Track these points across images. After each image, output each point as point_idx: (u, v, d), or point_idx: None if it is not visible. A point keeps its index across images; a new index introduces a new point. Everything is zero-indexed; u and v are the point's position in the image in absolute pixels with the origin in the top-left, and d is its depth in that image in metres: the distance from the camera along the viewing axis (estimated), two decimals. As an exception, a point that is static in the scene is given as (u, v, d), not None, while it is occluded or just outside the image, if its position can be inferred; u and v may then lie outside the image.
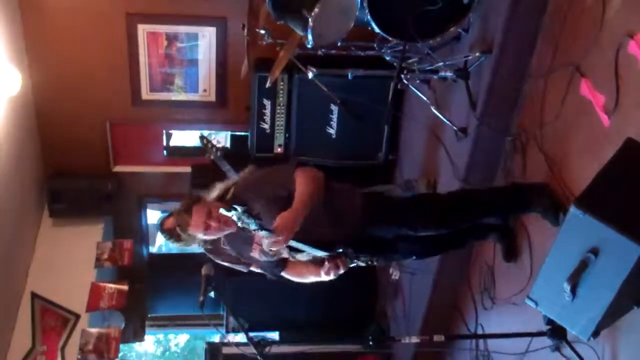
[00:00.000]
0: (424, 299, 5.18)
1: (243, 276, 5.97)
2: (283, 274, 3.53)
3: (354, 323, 6.58)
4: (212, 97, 6.32)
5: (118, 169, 6.74)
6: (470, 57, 4.10)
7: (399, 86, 4.50)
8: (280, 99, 5.77)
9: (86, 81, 6.11)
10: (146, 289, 7.03)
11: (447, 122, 4.43)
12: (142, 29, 5.91)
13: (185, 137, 7.42)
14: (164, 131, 6.79)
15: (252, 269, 3.85)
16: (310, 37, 4.12)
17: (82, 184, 6.51)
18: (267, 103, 5.78)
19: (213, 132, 6.82)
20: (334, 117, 5.83)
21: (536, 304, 2.83)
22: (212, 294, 6.22)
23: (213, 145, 4.83)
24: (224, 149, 4.91)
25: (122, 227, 6.91)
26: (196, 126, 6.60)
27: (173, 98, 6.34)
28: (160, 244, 8.38)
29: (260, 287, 6.19)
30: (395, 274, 5.73)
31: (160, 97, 6.32)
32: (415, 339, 3.19)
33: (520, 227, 4.03)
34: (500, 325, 4.30)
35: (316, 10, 4.01)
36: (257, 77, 5.66)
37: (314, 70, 4.56)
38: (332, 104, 5.78)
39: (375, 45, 4.92)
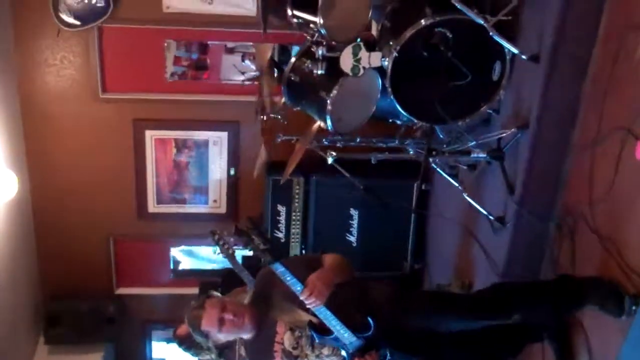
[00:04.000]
0: None
1: None
2: None
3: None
4: (223, 209, 5.95)
5: (121, 291, 6.27)
6: (504, 135, 3.71)
7: (423, 186, 4.20)
8: (296, 204, 5.39)
9: (89, 191, 5.79)
10: None
11: (482, 211, 3.97)
12: (150, 135, 5.65)
13: (193, 262, 6.96)
14: (171, 251, 6.35)
15: None
16: (329, 121, 3.81)
17: (82, 307, 6.04)
18: (281, 209, 5.39)
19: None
20: (354, 223, 5.42)
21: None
22: None
23: (225, 242, 4.38)
24: (235, 244, 4.45)
25: (124, 355, 6.31)
26: (205, 241, 6.17)
27: (181, 211, 5.96)
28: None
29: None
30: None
31: (167, 209, 5.97)
32: None
33: (575, 325, 3.46)
34: None
35: (334, 92, 3.73)
36: (271, 181, 5.32)
37: (334, 153, 4.18)
38: (352, 208, 5.41)
39: (397, 141, 4.63)
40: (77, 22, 5.06)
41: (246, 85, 5.27)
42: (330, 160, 4.24)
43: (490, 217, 3.93)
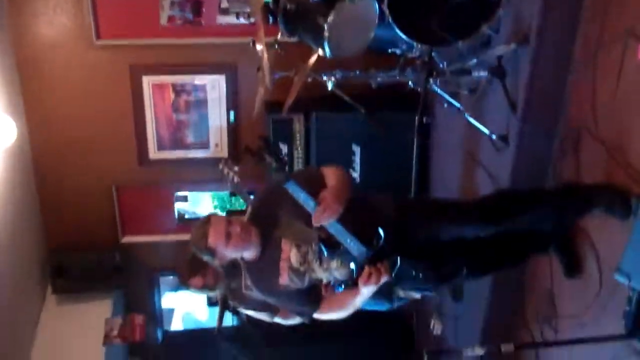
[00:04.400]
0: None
1: (269, 348, 5.54)
2: (317, 313, 3.08)
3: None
4: (224, 153, 5.92)
5: (127, 239, 6.28)
6: (504, 52, 3.70)
7: (424, 119, 4.17)
8: (298, 141, 5.37)
9: (88, 139, 5.76)
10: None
11: (484, 130, 3.98)
12: (148, 81, 5.60)
13: (197, 206, 6.97)
14: (175, 196, 6.36)
15: (279, 319, 3.51)
16: (326, 47, 3.77)
17: (88, 257, 6.06)
18: (283, 147, 5.38)
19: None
20: (357, 158, 5.41)
21: (629, 278, 2.30)
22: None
23: (231, 169, 4.37)
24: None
25: (133, 302, 6.36)
26: (208, 186, 6.20)
27: (183, 156, 5.95)
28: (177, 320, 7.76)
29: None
30: (437, 328, 5.11)
31: (169, 155, 5.94)
32: (479, 350, 2.62)
33: (580, 234, 3.50)
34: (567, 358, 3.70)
35: (331, 17, 3.68)
36: (271, 119, 5.31)
37: (333, 79, 4.15)
38: (353, 144, 5.39)
39: (397, 74, 4.59)
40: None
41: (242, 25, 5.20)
42: (330, 86, 4.20)
43: (493, 137, 3.95)
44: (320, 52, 3.96)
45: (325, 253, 2.86)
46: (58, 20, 5.35)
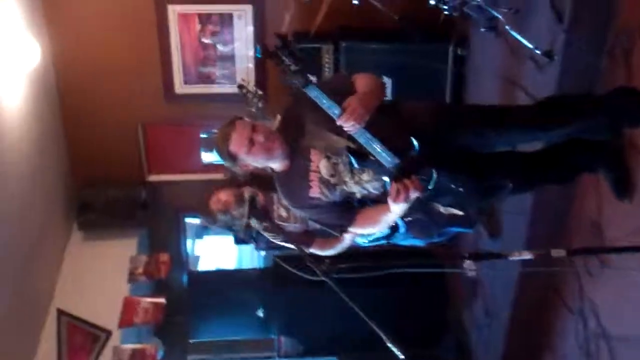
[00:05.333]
0: (510, 287, 4.39)
1: (296, 289, 5.39)
2: (352, 226, 2.89)
3: (424, 339, 5.73)
4: (252, 87, 5.70)
5: (153, 177, 6.17)
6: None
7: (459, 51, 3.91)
8: (326, 73, 5.17)
9: (113, 71, 5.61)
10: (187, 313, 6.29)
11: (528, 45, 3.73)
12: (173, 10, 5.41)
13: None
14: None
15: (314, 250, 3.45)
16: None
17: (114, 193, 5.96)
18: (312, 79, 5.17)
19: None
20: (387, 90, 5.18)
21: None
22: (261, 313, 5.45)
23: (254, 93, 4.22)
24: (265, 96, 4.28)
25: (158, 241, 6.26)
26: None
27: (209, 91, 5.78)
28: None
29: (315, 302, 5.48)
30: (470, 270, 4.91)
31: (195, 90, 5.79)
32: (528, 255, 2.41)
33: (632, 149, 3.26)
34: (615, 295, 3.49)
35: None
36: (299, 49, 5.08)
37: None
38: (384, 76, 5.15)
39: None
40: None
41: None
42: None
43: (537, 52, 3.70)
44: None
45: (355, 164, 2.69)
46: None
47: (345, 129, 2.61)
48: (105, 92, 5.68)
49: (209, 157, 4.75)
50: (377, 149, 2.62)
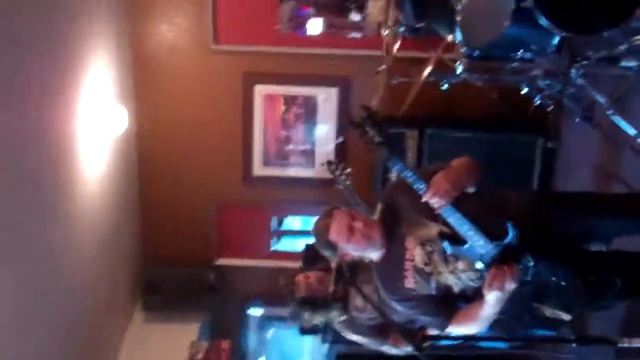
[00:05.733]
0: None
1: None
2: (450, 326, 2.71)
3: None
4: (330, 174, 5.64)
5: (222, 261, 6.05)
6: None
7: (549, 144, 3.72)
8: (409, 159, 5.04)
9: (195, 145, 5.64)
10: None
11: (630, 131, 3.53)
12: (259, 91, 5.47)
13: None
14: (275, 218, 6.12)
15: (388, 347, 3.22)
16: (459, 32, 3.50)
17: (181, 275, 5.86)
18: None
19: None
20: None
21: None
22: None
23: (342, 171, 4.09)
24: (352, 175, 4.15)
25: (220, 327, 6.05)
26: (311, 209, 5.90)
27: (287, 174, 5.73)
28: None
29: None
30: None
31: (273, 172, 5.74)
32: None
33: None
34: None
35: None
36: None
37: (464, 61, 3.83)
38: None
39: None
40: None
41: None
42: (459, 70, 3.89)
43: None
44: (450, 37, 3.71)
45: (448, 249, 2.58)
46: (178, 20, 5.34)
47: (431, 204, 2.51)
48: (184, 168, 5.70)
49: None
50: (470, 233, 2.51)
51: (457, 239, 2.55)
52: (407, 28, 3.99)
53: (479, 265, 2.54)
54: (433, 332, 3.29)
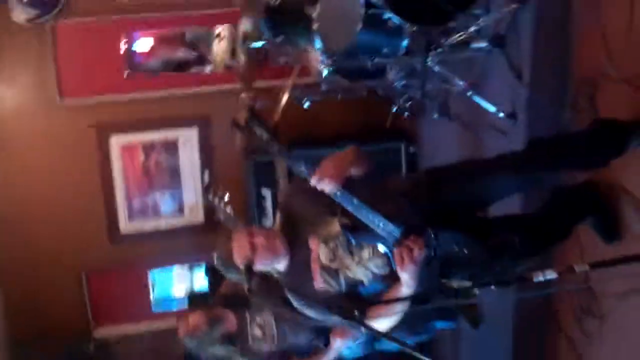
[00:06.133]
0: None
1: None
2: (368, 318, 2.56)
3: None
4: (201, 217, 5.51)
5: (101, 331, 5.64)
6: (502, 16, 3.53)
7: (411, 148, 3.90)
8: (282, 185, 5.02)
9: (53, 214, 5.26)
10: None
11: (491, 109, 3.73)
12: (116, 142, 5.24)
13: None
14: (149, 276, 5.83)
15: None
16: (318, 38, 3.57)
17: (59, 354, 5.34)
18: (266, 193, 5.03)
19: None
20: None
21: None
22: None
23: (221, 197, 3.95)
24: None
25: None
26: (185, 258, 5.71)
27: (156, 227, 5.50)
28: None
29: None
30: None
31: (141, 226, 5.48)
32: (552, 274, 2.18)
33: (613, 190, 3.19)
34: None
35: (318, 8, 3.54)
36: (252, 164, 4.99)
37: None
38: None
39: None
40: (36, 11, 4.75)
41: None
42: (306, 105, 4.00)
43: (500, 115, 3.70)
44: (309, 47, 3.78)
45: (352, 240, 2.60)
46: (19, 77, 5.05)
47: (320, 188, 2.50)
48: (44, 236, 5.28)
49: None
50: (369, 216, 2.51)
51: (358, 228, 2.55)
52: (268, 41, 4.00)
53: (382, 248, 2.55)
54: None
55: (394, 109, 4.54)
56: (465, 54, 3.71)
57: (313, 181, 2.49)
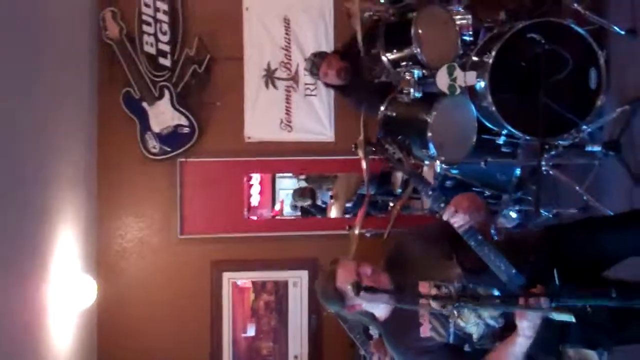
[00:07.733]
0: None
1: None
2: None
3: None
4: (305, 365, 5.36)
5: None
6: (616, 116, 3.61)
7: None
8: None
9: (157, 335, 5.25)
10: None
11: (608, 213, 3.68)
12: (228, 279, 5.33)
13: None
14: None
15: None
16: (432, 146, 3.75)
17: None
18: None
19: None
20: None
21: None
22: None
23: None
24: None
25: None
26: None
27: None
28: None
29: None
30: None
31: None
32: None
33: None
34: None
35: (434, 113, 3.76)
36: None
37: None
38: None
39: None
40: (167, 149, 5.17)
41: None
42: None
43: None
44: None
45: (470, 285, 2.43)
46: (145, 210, 5.36)
47: (452, 223, 2.51)
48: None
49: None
50: (491, 256, 2.48)
51: (477, 272, 2.50)
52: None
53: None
54: None
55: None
56: (580, 157, 3.74)
57: (446, 214, 2.50)
